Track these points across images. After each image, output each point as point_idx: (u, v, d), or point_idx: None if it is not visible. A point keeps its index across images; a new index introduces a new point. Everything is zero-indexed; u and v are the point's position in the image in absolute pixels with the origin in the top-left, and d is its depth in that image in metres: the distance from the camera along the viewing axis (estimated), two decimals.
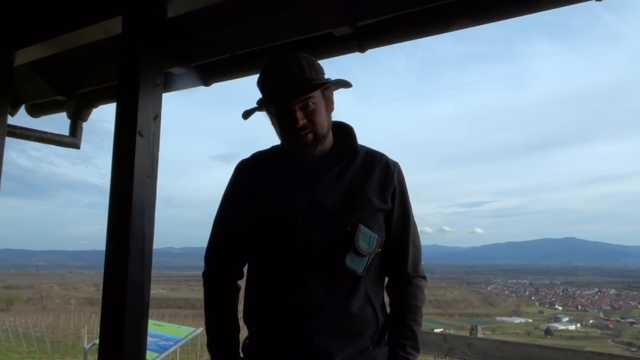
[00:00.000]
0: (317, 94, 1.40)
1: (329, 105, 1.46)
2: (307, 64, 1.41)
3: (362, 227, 1.37)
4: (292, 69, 1.39)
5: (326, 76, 1.45)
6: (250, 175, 1.53)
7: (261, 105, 1.43)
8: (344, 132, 1.52)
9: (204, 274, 1.56)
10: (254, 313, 1.48)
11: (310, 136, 1.40)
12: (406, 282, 1.50)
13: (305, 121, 1.38)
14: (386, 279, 1.54)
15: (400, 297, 1.50)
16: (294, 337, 1.37)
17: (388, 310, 1.53)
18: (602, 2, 1.61)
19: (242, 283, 1.56)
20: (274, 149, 1.56)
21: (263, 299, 1.46)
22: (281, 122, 1.42)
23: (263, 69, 1.47)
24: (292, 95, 1.36)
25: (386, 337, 1.49)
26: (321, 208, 1.39)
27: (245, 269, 1.56)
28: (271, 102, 1.42)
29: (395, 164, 1.52)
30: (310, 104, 1.38)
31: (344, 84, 1.45)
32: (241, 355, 1.52)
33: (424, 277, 1.54)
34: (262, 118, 1.50)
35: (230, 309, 1.52)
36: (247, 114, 1.46)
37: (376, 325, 1.43)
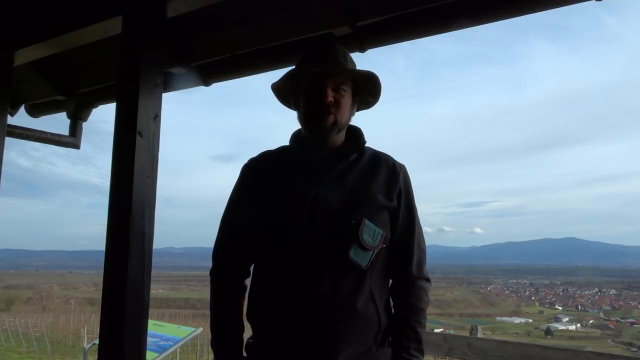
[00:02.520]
0: (349, 87, 1.46)
1: (353, 106, 1.52)
2: (350, 58, 1.50)
3: (366, 221, 1.38)
4: (337, 52, 1.47)
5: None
6: (258, 174, 1.54)
7: (298, 72, 1.48)
8: (352, 132, 1.55)
9: (211, 272, 1.56)
10: (258, 309, 1.48)
11: (332, 118, 1.43)
12: (410, 283, 1.50)
13: (332, 100, 1.42)
14: (390, 282, 1.54)
15: (404, 298, 1.50)
16: (297, 333, 1.37)
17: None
18: (601, 2, 1.61)
19: (248, 282, 1.56)
20: (281, 148, 1.57)
21: (267, 295, 1.46)
22: (309, 97, 1.44)
23: (309, 47, 1.55)
24: (330, 67, 1.43)
25: (390, 339, 1.49)
26: (326, 203, 1.40)
27: (251, 269, 1.56)
28: (309, 68, 1.46)
29: (402, 166, 1.53)
30: (342, 89, 1.44)
31: (373, 92, 1.52)
32: (244, 354, 1.52)
33: (428, 280, 1.54)
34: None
35: (236, 308, 1.52)
36: (276, 84, 1.52)
37: (379, 325, 1.43)
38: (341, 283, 1.38)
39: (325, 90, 1.41)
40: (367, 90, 1.52)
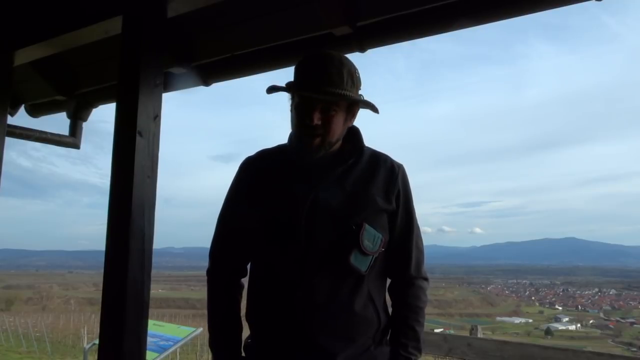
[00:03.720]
0: (342, 104, 1.42)
1: (350, 119, 1.48)
2: (347, 73, 1.41)
3: (366, 226, 1.38)
4: (332, 70, 1.39)
5: (360, 91, 1.47)
6: (255, 173, 1.53)
7: (288, 89, 1.44)
8: (351, 133, 1.53)
9: (208, 271, 1.56)
10: (257, 311, 1.48)
11: (318, 140, 1.41)
12: (409, 283, 1.51)
13: (320, 123, 1.38)
14: (388, 281, 1.55)
15: (402, 298, 1.50)
16: (296, 335, 1.38)
17: (390, 311, 1.53)
18: (600, 2, 1.61)
19: (245, 281, 1.56)
20: (279, 147, 1.56)
21: (266, 296, 1.46)
22: (298, 114, 1.42)
23: (307, 55, 1.47)
24: (317, 94, 1.37)
25: (388, 338, 1.49)
26: (325, 207, 1.39)
27: (248, 267, 1.56)
28: (298, 89, 1.42)
29: (400, 166, 1.53)
30: (332, 110, 1.40)
31: (372, 107, 1.47)
32: (242, 354, 1.52)
33: (426, 279, 1.54)
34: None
35: (233, 307, 1.51)
36: (272, 90, 1.46)
37: (378, 324, 1.44)
38: (340, 285, 1.39)
39: (312, 114, 1.37)
40: (365, 106, 1.49)
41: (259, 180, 1.50)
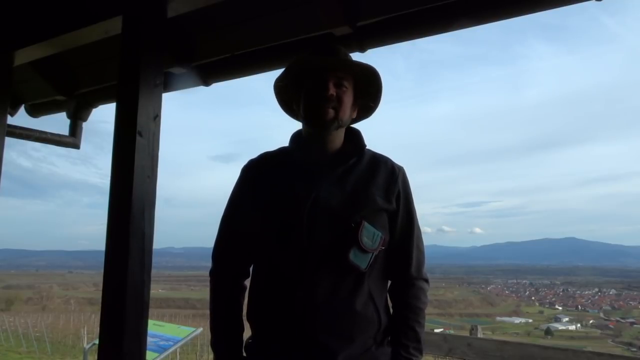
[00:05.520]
0: (350, 84, 1.48)
1: (355, 106, 1.53)
2: (351, 59, 1.54)
3: (365, 223, 1.39)
4: (340, 50, 1.53)
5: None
6: (258, 175, 1.54)
7: (300, 64, 1.49)
8: (352, 134, 1.55)
9: (211, 272, 1.57)
10: (258, 309, 1.49)
11: (332, 112, 1.44)
12: (409, 284, 1.51)
13: (334, 94, 1.43)
14: (389, 283, 1.55)
15: (403, 298, 1.51)
16: (296, 334, 1.38)
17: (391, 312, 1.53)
18: (600, 2, 1.61)
19: (248, 283, 1.56)
20: (281, 149, 1.58)
21: (267, 295, 1.47)
22: (311, 92, 1.46)
23: (311, 46, 1.60)
24: (334, 60, 1.47)
25: (389, 339, 1.50)
26: (326, 205, 1.40)
27: (251, 269, 1.57)
28: (312, 61, 1.49)
29: (400, 168, 1.54)
30: (344, 85, 1.46)
31: (376, 79, 1.51)
32: (244, 354, 1.52)
33: (426, 280, 1.55)
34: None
35: (235, 308, 1.52)
36: (280, 81, 1.53)
37: (378, 324, 1.44)
38: (340, 284, 1.39)
39: (327, 84, 1.43)
40: (368, 90, 1.52)
41: (261, 182, 1.51)
